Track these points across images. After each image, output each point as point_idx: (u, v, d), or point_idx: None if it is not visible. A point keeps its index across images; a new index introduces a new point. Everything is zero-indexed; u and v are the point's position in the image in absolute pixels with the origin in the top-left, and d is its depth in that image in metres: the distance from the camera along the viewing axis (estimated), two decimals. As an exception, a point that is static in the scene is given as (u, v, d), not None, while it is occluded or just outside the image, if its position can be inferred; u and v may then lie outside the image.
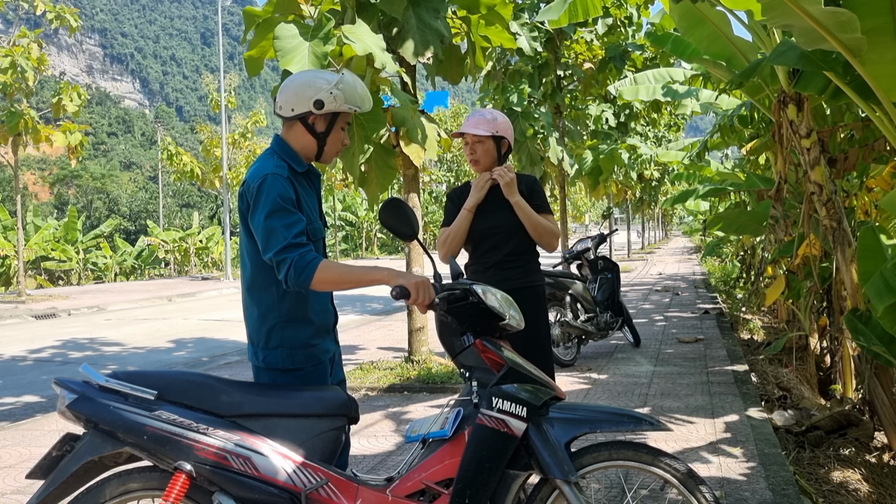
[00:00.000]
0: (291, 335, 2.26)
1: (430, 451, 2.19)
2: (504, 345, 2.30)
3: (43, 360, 8.33)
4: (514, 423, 2.13)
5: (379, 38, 4.83)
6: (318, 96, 2.25)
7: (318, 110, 2.27)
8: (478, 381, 2.20)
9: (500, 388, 2.16)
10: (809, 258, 5.57)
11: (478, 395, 2.15)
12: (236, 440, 2.05)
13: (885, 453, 4.38)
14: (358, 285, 2.17)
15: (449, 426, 2.16)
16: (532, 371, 2.24)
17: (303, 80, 2.30)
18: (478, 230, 3.17)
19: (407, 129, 5.62)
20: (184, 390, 2.10)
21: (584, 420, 2.21)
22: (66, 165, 54.42)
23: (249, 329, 2.32)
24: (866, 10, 3.34)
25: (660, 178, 24.89)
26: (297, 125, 2.32)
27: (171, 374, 2.19)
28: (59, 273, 24.87)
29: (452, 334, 2.27)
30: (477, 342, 2.22)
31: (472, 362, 2.22)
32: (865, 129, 5.31)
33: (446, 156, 42.04)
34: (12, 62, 14.06)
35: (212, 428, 2.05)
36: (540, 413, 2.19)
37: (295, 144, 2.34)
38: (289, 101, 2.29)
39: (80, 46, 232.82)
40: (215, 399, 2.10)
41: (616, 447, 2.22)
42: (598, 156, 13.93)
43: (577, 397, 5.44)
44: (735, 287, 14.21)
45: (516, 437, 2.13)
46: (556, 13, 6.13)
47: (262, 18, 5.11)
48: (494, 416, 2.13)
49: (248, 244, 2.26)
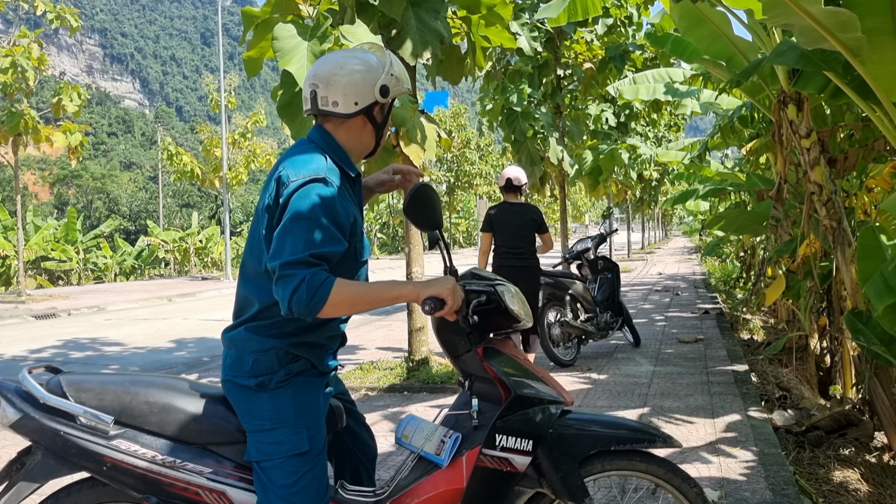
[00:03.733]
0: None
1: (423, 472, 2.01)
2: (508, 348, 2.11)
3: (43, 360, 8.33)
4: (519, 460, 1.98)
5: (378, 38, 4.83)
6: (382, 82, 1.92)
7: (384, 98, 1.93)
8: (478, 394, 2.03)
9: (505, 424, 1.97)
10: (809, 258, 5.57)
11: (478, 420, 1.98)
12: (209, 473, 1.83)
13: (885, 453, 4.37)
14: (378, 305, 1.84)
15: (446, 455, 1.98)
16: (538, 385, 2.04)
17: (357, 67, 1.92)
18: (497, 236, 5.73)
19: (407, 129, 5.62)
20: (144, 414, 1.82)
21: (597, 437, 2.06)
22: (66, 165, 54.43)
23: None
24: (866, 9, 3.34)
25: (660, 178, 24.89)
26: (355, 120, 1.95)
27: (129, 390, 1.85)
28: (59, 273, 24.86)
29: (454, 332, 2.04)
30: (478, 351, 2.03)
31: (474, 370, 2.05)
32: (865, 129, 5.32)
33: (446, 156, 42.07)
34: (13, 62, 14.05)
35: (179, 460, 1.81)
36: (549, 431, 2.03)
37: (349, 143, 1.96)
38: (348, 93, 1.90)
39: (80, 46, 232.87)
40: (182, 425, 1.83)
41: (610, 457, 2.09)
42: (598, 156, 13.92)
43: (577, 397, 5.44)
44: (735, 287, 14.21)
45: (520, 472, 1.99)
46: (555, 11, 6.13)
47: (261, 19, 5.10)
48: (497, 455, 1.96)
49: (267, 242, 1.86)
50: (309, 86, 1.95)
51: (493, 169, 46.36)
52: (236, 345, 1.91)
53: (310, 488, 1.87)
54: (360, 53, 1.99)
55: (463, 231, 51.86)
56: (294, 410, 1.88)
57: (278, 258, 1.75)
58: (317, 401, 1.95)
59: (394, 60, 1.98)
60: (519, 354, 2.13)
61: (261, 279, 1.89)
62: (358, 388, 5.91)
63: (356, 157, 2.01)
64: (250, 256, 1.93)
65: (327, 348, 2.01)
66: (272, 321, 1.89)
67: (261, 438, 1.85)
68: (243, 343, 1.89)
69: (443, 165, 43.35)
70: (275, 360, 1.87)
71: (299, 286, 1.72)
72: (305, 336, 1.92)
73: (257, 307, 1.90)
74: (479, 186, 45.03)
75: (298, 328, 1.90)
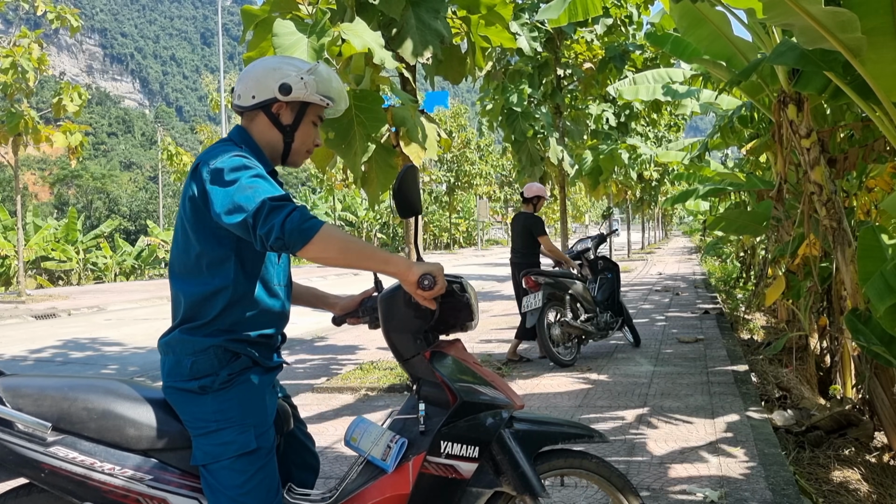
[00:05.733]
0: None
1: (370, 476, 1.98)
2: (457, 351, 2.07)
3: (43, 360, 8.33)
4: (465, 467, 1.95)
5: (377, 34, 4.83)
6: (284, 80, 1.91)
7: (285, 96, 1.91)
8: (425, 399, 1.99)
9: (450, 430, 1.94)
10: (809, 258, 5.57)
11: (425, 425, 1.95)
12: (149, 480, 1.78)
13: (885, 453, 4.38)
14: (367, 262, 1.78)
15: (391, 460, 1.94)
16: (486, 390, 2.01)
17: (267, 65, 1.96)
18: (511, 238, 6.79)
19: (407, 129, 5.62)
20: (83, 420, 1.78)
21: (546, 433, 2.10)
22: (66, 165, 54.43)
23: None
24: (866, 9, 3.34)
25: (660, 178, 24.89)
26: (259, 117, 1.96)
27: (68, 395, 1.80)
28: (59, 273, 24.86)
29: (411, 330, 2.00)
30: (426, 354, 2.00)
31: (422, 373, 2.01)
32: (865, 129, 5.32)
33: (446, 156, 42.07)
34: (13, 62, 14.05)
35: (119, 467, 1.77)
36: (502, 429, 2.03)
37: (260, 140, 1.97)
38: (249, 87, 1.93)
39: (80, 46, 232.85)
40: (121, 432, 1.79)
41: (552, 456, 2.13)
42: (598, 156, 13.93)
43: (578, 397, 5.44)
44: (735, 287, 14.21)
45: (466, 479, 1.96)
46: (555, 12, 6.13)
47: (261, 18, 5.10)
48: (442, 462, 1.93)
49: (194, 232, 1.85)
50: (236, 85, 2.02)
51: (493, 169, 46.37)
52: (173, 349, 1.87)
53: (260, 488, 1.84)
54: (291, 59, 2.01)
55: (463, 231, 51.83)
56: (240, 409, 1.85)
57: (252, 201, 1.69)
58: (263, 398, 1.91)
59: (321, 70, 1.96)
60: (468, 357, 2.09)
61: (190, 273, 1.86)
62: (358, 388, 5.91)
63: (269, 157, 1.99)
64: (178, 253, 1.89)
65: (268, 344, 1.96)
66: (205, 321, 1.85)
67: (207, 441, 1.82)
68: (180, 346, 1.85)
69: (443, 165, 43.34)
70: (214, 361, 1.84)
71: (293, 211, 1.68)
72: (242, 332, 1.88)
73: (186, 304, 1.86)
74: (479, 186, 45.05)
75: (234, 323, 1.87)
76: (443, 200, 46.33)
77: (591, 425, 4.59)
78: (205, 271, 1.86)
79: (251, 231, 1.71)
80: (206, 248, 1.85)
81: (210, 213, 1.79)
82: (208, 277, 1.86)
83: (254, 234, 1.71)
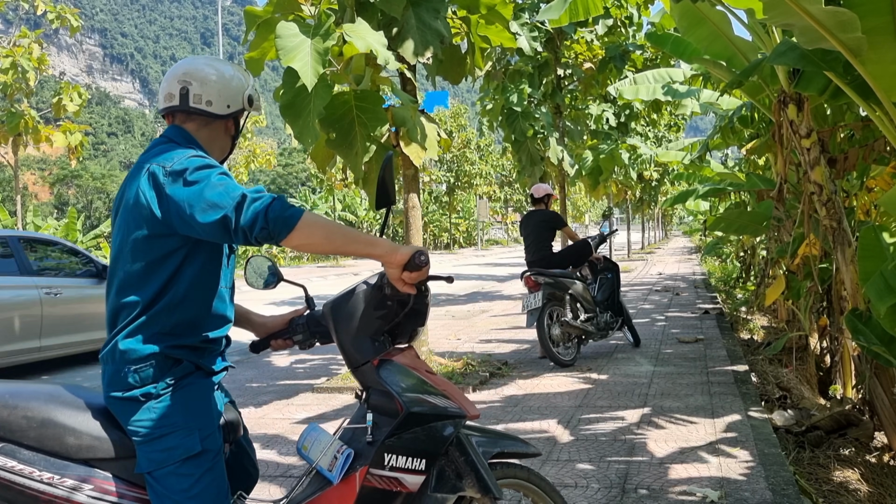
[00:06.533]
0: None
1: (318, 487, 1.91)
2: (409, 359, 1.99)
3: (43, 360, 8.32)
4: (410, 480, 1.88)
5: (380, 35, 4.83)
6: (249, 92, 1.96)
7: (250, 107, 1.97)
8: (374, 408, 1.92)
9: (395, 442, 1.86)
10: (809, 258, 5.57)
11: (372, 435, 1.88)
12: (88, 489, 1.74)
13: (885, 453, 4.38)
14: (352, 247, 1.74)
15: (337, 471, 1.87)
16: (435, 400, 1.93)
17: (230, 72, 1.95)
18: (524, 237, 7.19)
19: (407, 129, 5.63)
20: (22, 429, 1.73)
21: (493, 440, 2.11)
22: (66, 165, 54.43)
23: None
24: (866, 9, 3.34)
25: (660, 178, 24.91)
26: (219, 124, 1.96)
27: (8, 403, 1.76)
28: (59, 273, 24.84)
29: (371, 332, 1.92)
30: (374, 362, 1.92)
31: (371, 382, 1.94)
32: (865, 129, 5.32)
33: (446, 156, 42.08)
34: (13, 62, 14.06)
35: (58, 476, 1.72)
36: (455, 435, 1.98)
37: (210, 145, 1.95)
38: (224, 94, 1.92)
39: (80, 46, 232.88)
40: (61, 441, 1.74)
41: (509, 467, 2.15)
42: (598, 156, 13.93)
43: (578, 397, 5.44)
44: (735, 287, 14.21)
45: (412, 492, 1.89)
46: (556, 12, 6.13)
47: (263, 18, 5.11)
48: (386, 475, 1.86)
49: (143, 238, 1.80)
50: (178, 82, 1.92)
51: (493, 169, 46.38)
52: (112, 358, 1.82)
53: (208, 491, 1.79)
54: (227, 63, 2.02)
55: (463, 231, 51.83)
56: (183, 413, 1.81)
57: (229, 197, 1.67)
58: (207, 401, 1.87)
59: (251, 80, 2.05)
60: (420, 365, 2.00)
61: (137, 279, 1.81)
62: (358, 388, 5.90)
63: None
64: (123, 261, 1.83)
65: (211, 349, 1.92)
66: (145, 323, 1.80)
67: (150, 448, 1.78)
68: (119, 355, 1.80)
69: (443, 165, 43.34)
70: (156, 369, 1.80)
71: (274, 201, 1.67)
72: (184, 337, 1.84)
73: (137, 309, 1.81)
74: (479, 186, 45.06)
75: (176, 326, 1.82)
76: (443, 200, 46.34)
77: (591, 425, 4.62)
78: (153, 279, 1.81)
79: (231, 226, 1.68)
80: (152, 253, 1.80)
81: (172, 217, 1.75)
82: (156, 284, 1.81)
83: (235, 228, 1.68)
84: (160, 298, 1.81)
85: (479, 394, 5.69)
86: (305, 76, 4.33)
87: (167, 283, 1.82)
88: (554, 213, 7.24)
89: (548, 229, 7.06)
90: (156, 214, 1.77)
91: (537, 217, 7.15)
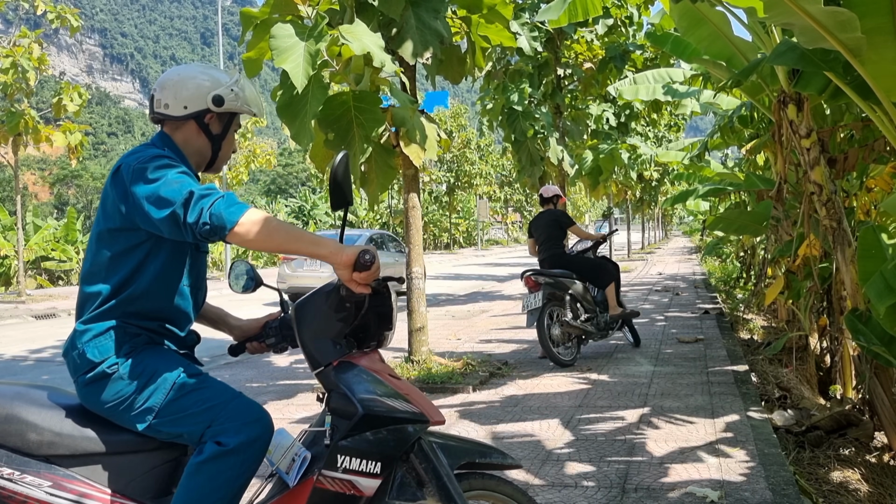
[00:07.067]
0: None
1: (277, 491, 1.90)
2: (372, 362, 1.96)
3: (44, 360, 8.33)
4: (365, 483, 1.84)
5: (377, 36, 4.82)
6: (216, 91, 1.97)
7: (218, 107, 1.98)
8: (333, 411, 1.89)
9: (349, 444, 1.84)
10: (809, 258, 5.57)
11: (329, 437, 1.86)
12: (48, 486, 1.74)
13: (885, 453, 4.37)
14: (296, 246, 1.74)
15: (293, 474, 1.86)
16: (395, 403, 1.90)
17: (195, 75, 2.00)
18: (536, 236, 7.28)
19: (406, 130, 5.62)
20: None
21: (463, 449, 2.04)
22: (66, 165, 54.45)
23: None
24: (866, 9, 3.34)
25: (660, 178, 24.90)
26: (188, 125, 1.99)
27: None
28: (58, 273, 24.84)
29: (331, 334, 1.91)
30: (334, 363, 1.90)
31: (331, 384, 1.91)
32: (865, 129, 5.32)
33: (446, 156, 42.07)
34: (13, 62, 14.05)
35: (18, 472, 1.73)
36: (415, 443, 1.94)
37: (186, 147, 2.00)
38: (180, 97, 1.96)
39: (80, 46, 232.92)
40: (22, 437, 1.76)
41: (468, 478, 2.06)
42: (598, 156, 13.94)
43: (578, 397, 5.44)
44: (735, 287, 14.21)
45: (367, 497, 1.86)
46: (556, 13, 6.12)
47: (260, 19, 5.10)
48: (339, 477, 1.83)
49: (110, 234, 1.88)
50: (153, 90, 2.02)
51: (493, 169, 46.38)
52: (72, 343, 1.87)
53: (216, 393, 1.85)
54: (208, 68, 2.05)
55: (463, 231, 51.82)
56: (154, 361, 1.86)
57: (179, 194, 1.71)
58: (176, 358, 1.91)
59: (244, 81, 2.04)
60: (383, 368, 1.98)
61: (103, 270, 1.87)
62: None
63: (194, 164, 2.03)
64: (91, 252, 1.91)
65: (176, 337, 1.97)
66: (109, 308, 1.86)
67: (136, 404, 1.81)
68: (78, 338, 1.85)
69: (443, 165, 43.33)
70: (114, 340, 1.84)
71: (219, 198, 1.70)
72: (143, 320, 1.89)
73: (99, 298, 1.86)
74: (479, 186, 45.05)
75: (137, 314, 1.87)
76: (443, 200, 46.33)
77: (591, 425, 4.62)
78: (117, 270, 1.87)
79: (181, 222, 1.72)
80: (117, 245, 1.87)
81: (134, 212, 1.80)
82: (119, 275, 1.86)
83: (184, 224, 1.71)
84: (123, 289, 1.86)
85: (479, 394, 5.69)
86: (296, 77, 4.33)
87: (130, 276, 1.87)
88: (562, 213, 7.42)
89: (557, 228, 7.22)
90: (121, 209, 1.84)
91: (546, 217, 7.31)
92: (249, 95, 2.04)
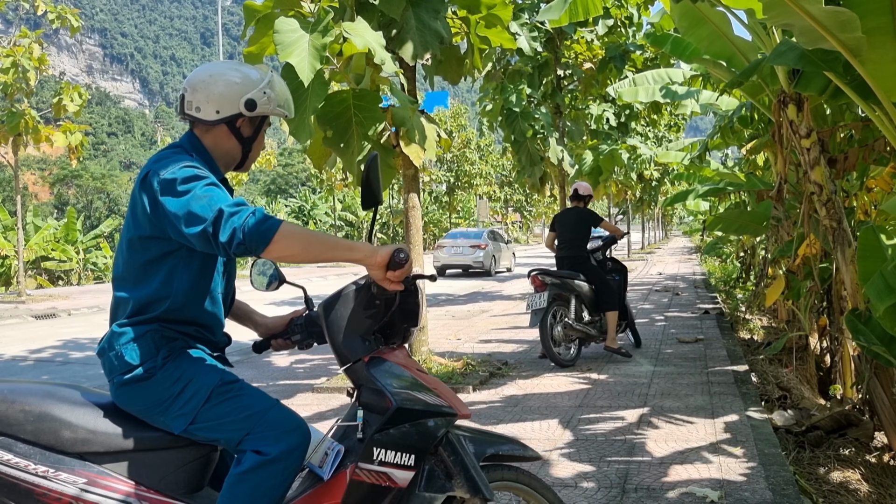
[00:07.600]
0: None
1: (309, 485, 1.93)
2: (400, 357, 2.01)
3: (44, 360, 8.33)
4: (400, 475, 1.89)
5: (379, 34, 4.82)
6: (249, 95, 1.93)
7: (250, 111, 1.94)
8: (365, 405, 1.94)
9: (384, 437, 1.88)
10: (809, 258, 5.57)
11: (363, 432, 1.90)
12: (83, 483, 1.76)
13: (885, 453, 4.37)
14: (331, 254, 1.76)
15: (327, 467, 1.89)
16: (425, 397, 1.94)
17: (227, 77, 1.94)
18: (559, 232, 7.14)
19: (406, 130, 5.62)
20: (19, 422, 1.76)
21: (487, 442, 2.09)
22: (66, 165, 54.45)
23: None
24: (866, 9, 3.34)
25: (660, 178, 24.91)
26: (219, 129, 1.97)
27: (7, 398, 1.79)
28: (59, 273, 24.85)
29: (361, 331, 1.95)
30: (365, 359, 1.94)
31: (362, 379, 1.95)
32: (865, 129, 5.31)
33: (446, 156, 42.06)
34: (13, 62, 14.05)
35: (52, 470, 1.74)
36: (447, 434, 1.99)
37: (215, 150, 1.98)
38: (211, 100, 1.92)
39: (80, 46, 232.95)
40: (56, 435, 1.77)
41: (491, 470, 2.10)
42: (598, 156, 13.93)
43: (578, 397, 5.44)
44: (735, 287, 14.21)
45: (401, 488, 1.91)
46: (556, 13, 6.12)
47: (263, 13, 5.09)
48: (375, 469, 1.87)
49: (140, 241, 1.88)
50: (183, 89, 1.98)
51: (493, 169, 46.36)
52: (110, 345, 1.88)
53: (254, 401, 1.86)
54: (241, 66, 2.00)
55: (463, 231, 51.73)
56: (191, 365, 1.87)
57: (209, 210, 1.70)
58: (213, 364, 1.93)
59: (275, 81, 1.99)
60: (411, 364, 2.03)
61: (135, 276, 1.89)
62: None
63: (223, 166, 2.02)
64: (123, 258, 1.91)
65: (208, 341, 1.98)
66: (146, 315, 1.87)
67: (175, 408, 1.82)
68: (116, 339, 1.86)
69: (443, 165, 43.31)
70: (151, 344, 1.85)
71: (251, 215, 1.69)
72: (178, 325, 1.90)
73: (132, 305, 1.88)
74: (479, 186, 45.02)
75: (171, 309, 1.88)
76: (443, 200, 46.31)
77: (591, 425, 4.62)
78: (149, 278, 1.87)
79: (212, 240, 1.71)
80: (148, 253, 1.87)
81: (165, 223, 1.80)
82: (152, 283, 1.87)
83: (215, 242, 1.71)
84: (157, 296, 1.87)
85: (479, 394, 5.69)
86: (302, 71, 4.31)
87: (164, 283, 1.88)
88: (591, 212, 7.19)
89: (585, 228, 7.03)
90: (151, 218, 1.83)
91: (575, 215, 7.12)
92: (280, 96, 2.00)
